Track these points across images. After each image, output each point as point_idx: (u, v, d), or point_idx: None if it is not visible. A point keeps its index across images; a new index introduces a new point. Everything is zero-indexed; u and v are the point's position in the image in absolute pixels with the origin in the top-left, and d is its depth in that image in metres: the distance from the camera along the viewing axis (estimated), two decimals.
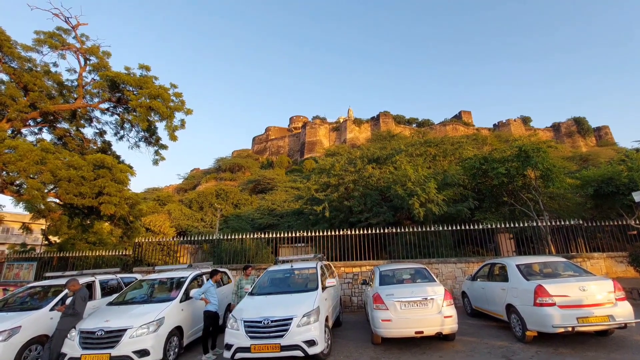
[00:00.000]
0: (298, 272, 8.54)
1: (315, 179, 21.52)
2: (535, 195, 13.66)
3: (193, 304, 7.91)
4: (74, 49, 16.56)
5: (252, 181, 60.16)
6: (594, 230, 13.17)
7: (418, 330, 6.65)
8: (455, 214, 15.83)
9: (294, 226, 23.34)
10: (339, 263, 12.54)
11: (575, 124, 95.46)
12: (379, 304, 6.99)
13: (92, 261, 15.63)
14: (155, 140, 16.28)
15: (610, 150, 61.20)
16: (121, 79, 15.01)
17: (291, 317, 6.15)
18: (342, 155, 26.15)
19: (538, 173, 13.29)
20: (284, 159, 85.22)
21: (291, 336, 5.96)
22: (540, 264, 7.94)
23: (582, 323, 6.11)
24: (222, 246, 14.00)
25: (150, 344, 6.44)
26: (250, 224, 32.75)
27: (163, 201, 47.71)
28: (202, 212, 40.95)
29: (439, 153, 24.28)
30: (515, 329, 7.10)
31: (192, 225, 36.47)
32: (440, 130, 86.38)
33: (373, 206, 17.14)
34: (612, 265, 12.10)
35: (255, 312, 6.43)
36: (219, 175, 76.65)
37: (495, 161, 14.03)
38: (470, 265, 11.98)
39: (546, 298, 6.42)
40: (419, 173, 16.13)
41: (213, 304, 7.43)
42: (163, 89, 14.68)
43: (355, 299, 12.09)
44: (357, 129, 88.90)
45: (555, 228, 13.10)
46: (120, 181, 13.59)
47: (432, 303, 6.86)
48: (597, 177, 12.78)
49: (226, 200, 42.87)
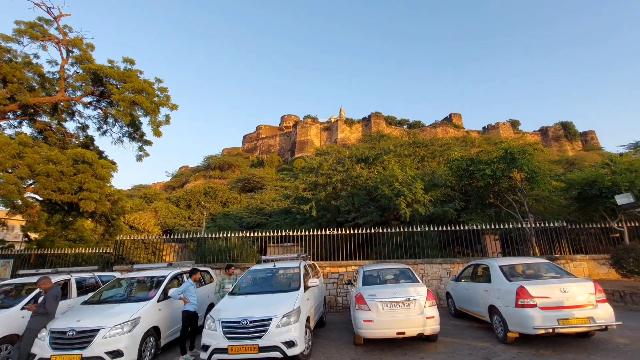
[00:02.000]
0: (281, 272, 8.39)
1: (303, 178, 21.36)
2: (521, 197, 13.78)
3: (172, 304, 7.69)
4: (56, 40, 16.05)
5: (241, 180, 59.65)
6: (577, 233, 13.34)
7: (400, 331, 6.57)
8: (441, 214, 15.88)
9: (282, 225, 23.17)
10: (324, 263, 12.43)
11: (563, 128, 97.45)
12: (361, 304, 6.89)
13: (72, 259, 15.19)
14: (140, 136, 15.88)
15: (596, 155, 62.60)
16: (104, 72, 14.59)
17: (270, 317, 6.00)
18: (330, 154, 26.05)
19: (523, 175, 13.41)
20: (275, 157, 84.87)
21: (270, 337, 5.82)
22: (523, 265, 7.95)
23: (563, 325, 6.11)
24: (206, 245, 13.73)
25: (124, 344, 6.22)
26: (239, 222, 32.41)
27: (150, 199, 46.86)
28: (190, 211, 40.37)
29: (428, 154, 24.38)
30: (497, 330, 7.08)
31: (179, 224, 35.88)
32: (431, 132, 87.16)
33: (361, 206, 17.08)
34: (594, 267, 12.25)
35: (234, 312, 6.26)
36: (208, 174, 75.81)
37: (481, 163, 14.11)
38: (456, 266, 12.00)
39: (528, 299, 6.40)
40: (407, 173, 16.13)
41: (192, 303, 7.22)
42: (147, 84, 14.31)
43: (341, 299, 11.99)
44: (348, 129, 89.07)
45: (539, 230, 13.24)
46: (102, 177, 13.19)
47: (415, 304, 6.79)
48: (581, 180, 12.94)
49: (215, 199, 42.37)
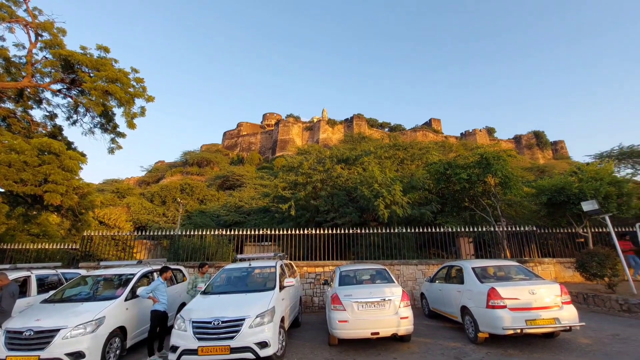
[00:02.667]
0: (256, 271, 8.22)
1: (283, 177, 21.16)
2: (494, 202, 14.19)
3: (140, 303, 7.38)
4: (24, 22, 15.11)
5: (220, 177, 58.48)
6: (545, 237, 13.88)
7: (374, 331, 6.58)
8: (419, 216, 16.13)
9: (260, 224, 22.86)
10: (301, 262, 12.33)
11: (535, 137, 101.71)
12: (337, 304, 6.85)
13: (34, 255, 14.33)
14: (112, 128, 15.15)
15: (565, 163, 65.74)
16: (76, 59, 13.85)
17: (243, 317, 5.85)
18: (311, 154, 25.97)
19: (497, 180, 13.81)
20: (255, 155, 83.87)
21: (242, 338, 5.67)
22: (494, 267, 8.16)
23: (530, 325, 6.30)
24: (180, 242, 13.29)
25: (86, 345, 5.90)
26: (215, 220, 31.71)
27: (122, 194, 45.10)
28: (165, 207, 39.11)
29: (407, 157, 24.75)
30: (469, 330, 7.23)
31: (153, 220, 34.68)
32: (411, 135, 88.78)
33: (340, 206, 17.08)
34: (560, 271, 12.80)
35: (205, 312, 6.06)
36: (185, 169, 73.81)
37: (458, 167, 14.43)
38: (431, 267, 12.20)
39: (498, 300, 6.57)
40: (386, 175, 16.27)
41: (162, 303, 6.95)
42: (122, 73, 13.67)
43: (317, 299, 11.93)
44: (330, 130, 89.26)
45: (511, 233, 13.69)
46: (69, 169, 12.52)
47: (390, 304, 6.82)
48: (551, 187, 13.46)
49: (191, 196, 41.25)
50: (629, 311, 8.78)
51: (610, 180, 12.74)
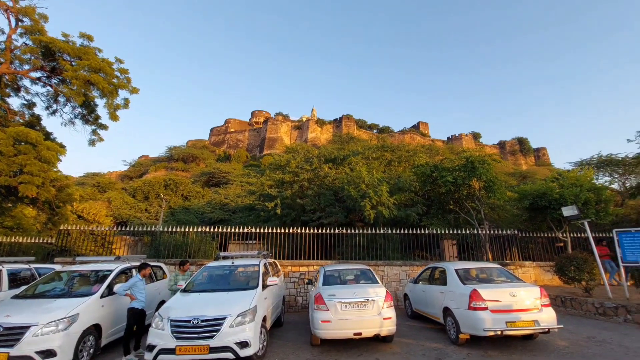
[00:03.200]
0: (239, 270, 8.06)
1: (269, 175, 20.95)
2: (478, 205, 14.41)
3: (117, 300, 7.13)
4: (5, 7, 14.49)
5: (206, 173, 57.60)
6: (526, 241, 14.19)
7: (357, 332, 6.53)
8: (404, 218, 16.23)
9: (245, 222, 22.56)
10: (286, 261, 12.21)
11: (519, 143, 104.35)
12: (320, 304, 6.78)
13: (7, 248, 13.72)
14: (94, 119, 14.63)
15: (546, 170, 67.49)
16: (57, 46, 13.33)
17: (224, 316, 5.71)
18: (299, 152, 25.83)
19: (482, 184, 14.03)
20: (243, 153, 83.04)
21: (222, 337, 5.53)
22: (477, 269, 8.25)
23: (511, 327, 6.37)
24: (162, 239, 12.96)
25: (57, 343, 5.66)
26: (200, 217, 31.18)
27: (103, 188, 43.86)
28: (147, 203, 38.23)
29: (395, 159, 24.91)
30: (450, 331, 7.27)
31: (135, 216, 33.81)
32: (399, 138, 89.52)
33: (326, 206, 17.02)
34: (540, 274, 13.09)
35: (184, 310, 5.89)
36: (170, 165, 72.37)
37: (444, 170, 14.59)
38: (415, 269, 12.28)
39: (480, 302, 6.62)
40: (373, 176, 16.30)
41: (139, 300, 6.73)
42: (106, 63, 13.22)
43: (300, 298, 11.83)
44: (319, 130, 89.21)
45: (493, 236, 13.93)
46: (47, 160, 12.03)
47: (373, 304, 6.79)
48: (533, 192, 13.76)
49: (175, 192, 40.46)
50: (605, 314, 9.02)
51: (589, 187, 13.11)
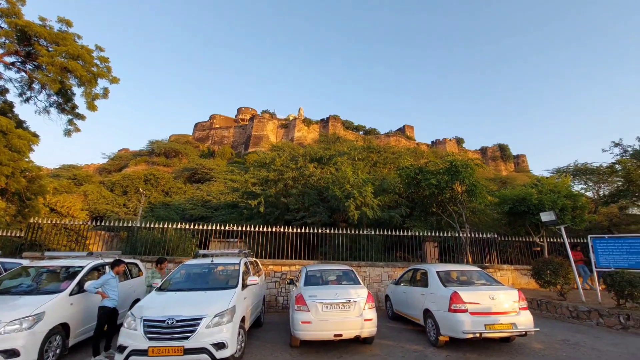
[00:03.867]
0: (218, 268, 7.84)
1: (253, 172, 20.63)
2: (460, 208, 14.61)
3: (88, 298, 6.80)
4: None
5: (188, 169, 56.38)
6: (505, 245, 14.50)
7: (337, 333, 6.45)
8: (388, 219, 16.30)
9: (227, 220, 22.17)
10: (267, 261, 12.02)
11: (500, 149, 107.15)
12: (301, 305, 6.66)
13: None
14: (71, 108, 13.95)
15: (525, 176, 69.41)
16: (33, 31, 12.66)
17: (201, 316, 5.50)
18: (285, 150, 25.59)
19: (464, 187, 14.24)
20: (227, 149, 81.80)
21: (198, 338, 5.32)
22: (457, 272, 8.31)
23: (489, 330, 6.43)
24: (139, 235, 12.51)
25: (21, 343, 5.33)
26: (181, 214, 30.43)
27: (80, 181, 42.21)
28: (126, 197, 37.02)
29: (380, 160, 25.04)
30: (430, 333, 7.29)
31: (112, 211, 32.68)
32: (385, 140, 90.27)
33: (310, 205, 16.90)
34: (517, 277, 13.38)
35: (159, 310, 5.64)
36: (151, 159, 70.42)
37: (429, 173, 14.72)
38: (396, 270, 12.32)
39: (460, 305, 6.66)
40: (358, 176, 16.29)
41: (111, 298, 6.43)
42: (85, 50, 12.63)
43: (281, 298, 11.67)
44: (305, 129, 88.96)
45: (474, 240, 14.16)
46: (17, 149, 11.41)
47: (355, 305, 6.73)
48: (513, 197, 14.07)
49: (156, 187, 39.35)
50: (578, 318, 9.28)
51: (566, 194, 13.50)
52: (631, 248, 9.22)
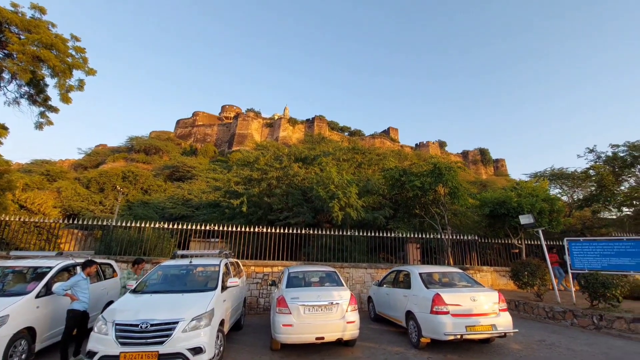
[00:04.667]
0: (197, 269, 7.57)
1: (236, 171, 20.26)
2: (442, 210, 14.80)
3: (56, 301, 6.41)
4: None
5: (169, 167, 54.89)
6: (485, 247, 14.78)
7: (319, 336, 6.34)
8: (372, 220, 16.33)
9: (209, 219, 21.71)
10: (249, 261, 11.78)
11: (480, 153, 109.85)
12: (283, 307, 6.50)
13: None
14: (43, 100, 13.22)
15: (504, 180, 71.62)
16: (3, 16, 11.94)
17: (177, 320, 5.26)
18: (269, 149, 25.29)
19: (447, 190, 14.43)
20: (210, 147, 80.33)
21: (174, 343, 5.08)
22: (440, 273, 8.36)
23: (470, 331, 6.47)
24: (114, 234, 12.00)
25: None
26: (160, 213, 29.57)
27: (53, 176, 40.46)
28: (103, 195, 35.68)
29: (365, 161, 25.14)
30: (412, 335, 7.28)
31: (87, 209, 31.40)
32: (370, 141, 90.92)
33: (294, 206, 16.73)
34: (496, 278, 13.65)
35: (132, 313, 5.37)
36: (130, 156, 68.22)
37: (412, 174, 14.84)
38: (379, 271, 12.32)
39: (442, 306, 6.68)
40: (343, 177, 16.26)
41: (81, 301, 6.10)
42: (60, 39, 11.99)
43: (263, 300, 11.45)
44: (291, 129, 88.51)
45: (455, 241, 14.36)
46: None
47: (337, 308, 6.63)
48: (493, 200, 14.37)
49: (134, 184, 38.14)
50: (554, 318, 9.51)
51: (544, 197, 13.88)
52: (604, 250, 9.53)
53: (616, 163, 18.54)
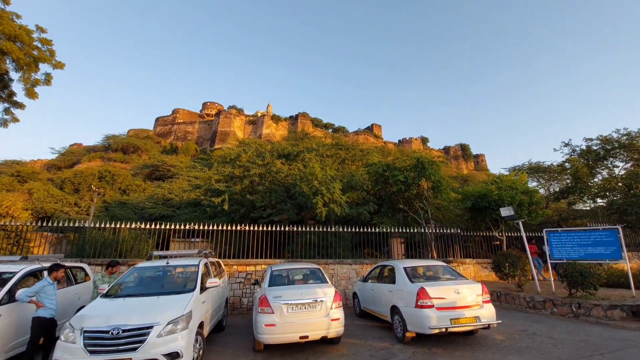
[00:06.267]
0: (175, 270, 7.26)
1: (217, 169, 19.78)
2: (426, 205, 14.89)
3: (21, 309, 5.99)
4: None
5: (148, 166, 53.27)
6: (467, 239, 14.98)
7: (303, 335, 6.18)
8: (356, 216, 16.27)
9: (190, 219, 21.16)
10: (232, 261, 11.49)
11: (461, 149, 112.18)
12: (265, 306, 6.30)
13: None
14: (7, 95, 12.37)
15: (484, 175, 73.20)
16: None
17: (151, 324, 4.98)
18: (251, 146, 24.84)
19: (430, 184, 14.51)
20: (191, 145, 78.58)
21: (148, 349, 4.81)
22: (424, 267, 8.34)
23: (454, 324, 6.45)
24: (88, 236, 11.44)
25: None
26: (139, 213, 28.64)
27: (24, 177, 38.58)
28: (78, 196, 34.25)
29: (349, 157, 25.09)
30: (397, 330, 7.22)
31: (61, 210, 30.09)
32: (353, 138, 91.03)
33: (277, 203, 16.48)
34: (479, 270, 13.85)
35: (103, 319, 5.04)
36: (107, 155, 65.81)
37: (396, 169, 14.85)
38: (364, 267, 12.26)
39: (426, 300, 6.63)
40: (327, 173, 16.11)
41: (48, 308, 5.72)
42: (24, 30, 11.21)
43: (246, 299, 11.20)
44: (274, 126, 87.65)
45: (438, 235, 14.48)
46: None
47: (321, 305, 6.49)
48: (475, 193, 14.57)
49: (112, 184, 36.79)
50: (534, 308, 9.69)
51: (523, 190, 14.16)
52: (581, 240, 9.77)
53: (590, 156, 19.18)
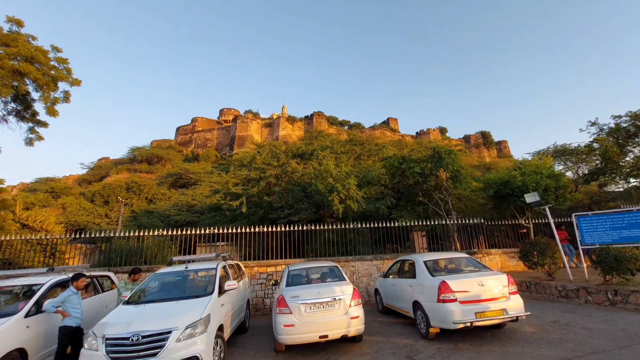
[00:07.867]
0: (194, 275, 7.36)
1: (234, 172, 20.02)
2: (446, 196, 14.46)
3: (48, 319, 6.22)
4: None
5: (172, 175, 54.90)
6: (492, 229, 14.42)
7: (322, 335, 6.10)
8: (374, 211, 16.03)
9: (213, 223, 21.56)
10: (252, 262, 11.58)
11: (482, 137, 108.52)
12: (283, 307, 6.28)
13: None
14: (31, 115, 13.01)
15: (507, 161, 70.55)
16: None
17: (170, 329, 5.05)
18: (265, 147, 25.00)
19: (448, 174, 14.07)
20: (212, 152, 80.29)
21: (168, 354, 4.87)
22: (445, 260, 8.07)
23: (480, 318, 6.18)
24: (114, 245, 11.85)
25: None
26: (165, 220, 29.50)
27: (58, 193, 40.62)
28: (108, 207, 35.78)
29: (364, 152, 24.77)
30: (420, 325, 7.02)
31: (93, 222, 31.52)
32: (370, 133, 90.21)
33: (295, 202, 16.48)
34: (505, 260, 13.31)
35: (123, 325, 5.16)
36: (133, 167, 68.41)
37: (412, 161, 14.50)
38: (385, 262, 12.05)
39: (449, 294, 6.40)
40: (341, 169, 15.94)
41: (74, 317, 5.92)
42: (40, 51, 11.73)
43: (268, 300, 11.26)
44: (290, 127, 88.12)
45: (461, 226, 14.03)
46: None
47: (340, 304, 6.39)
48: (497, 180, 13.99)
49: (139, 195, 38.17)
50: (567, 297, 9.18)
51: (549, 174, 13.45)
52: (615, 223, 9.15)
53: (619, 134, 17.95)
